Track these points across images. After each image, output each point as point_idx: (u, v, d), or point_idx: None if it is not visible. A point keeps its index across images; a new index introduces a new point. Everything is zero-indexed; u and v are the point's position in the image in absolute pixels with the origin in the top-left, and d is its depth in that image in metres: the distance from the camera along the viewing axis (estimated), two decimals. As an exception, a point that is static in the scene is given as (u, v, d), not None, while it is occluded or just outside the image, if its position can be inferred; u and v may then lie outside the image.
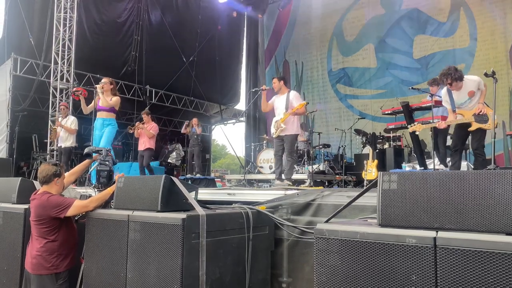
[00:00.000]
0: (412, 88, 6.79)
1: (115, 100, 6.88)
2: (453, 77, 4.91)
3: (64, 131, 8.28)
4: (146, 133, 7.57)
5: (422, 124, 5.69)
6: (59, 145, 8.47)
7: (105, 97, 6.80)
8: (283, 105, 6.11)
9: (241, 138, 16.35)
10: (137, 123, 7.60)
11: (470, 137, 5.28)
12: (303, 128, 10.13)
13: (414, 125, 5.68)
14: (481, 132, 4.98)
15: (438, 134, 7.32)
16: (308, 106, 13.76)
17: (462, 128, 5.15)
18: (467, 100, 5.02)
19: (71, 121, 8.38)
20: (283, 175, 6.02)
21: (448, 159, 6.94)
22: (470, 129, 5.01)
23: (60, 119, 8.49)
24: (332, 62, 14.05)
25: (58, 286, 3.47)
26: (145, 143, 8.10)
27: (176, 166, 13.72)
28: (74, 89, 7.77)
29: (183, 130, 10.76)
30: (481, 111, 4.87)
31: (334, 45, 14.04)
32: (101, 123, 6.89)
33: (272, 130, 6.21)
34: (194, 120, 10.54)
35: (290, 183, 5.87)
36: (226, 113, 16.26)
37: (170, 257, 2.80)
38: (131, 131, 8.56)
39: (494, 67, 5.10)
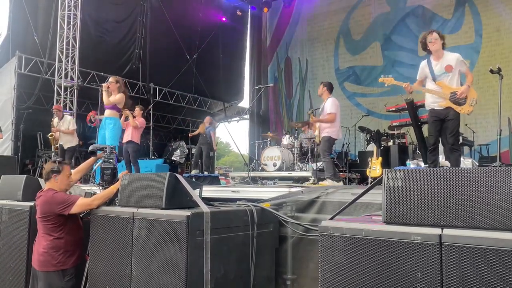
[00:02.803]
0: None
1: (117, 97, 6.78)
2: (440, 34, 4.75)
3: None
4: (131, 122, 7.49)
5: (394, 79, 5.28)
6: (60, 143, 8.51)
7: (108, 96, 6.79)
8: (320, 111, 6.44)
9: (245, 135, 16.33)
10: (125, 110, 7.41)
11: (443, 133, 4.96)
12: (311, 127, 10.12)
13: (386, 77, 5.31)
14: (455, 123, 4.74)
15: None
16: (312, 103, 13.85)
17: (437, 116, 4.84)
18: (443, 74, 4.77)
19: (68, 122, 8.44)
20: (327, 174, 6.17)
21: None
22: (441, 104, 4.71)
23: (56, 122, 8.54)
24: (339, 60, 14.00)
25: (65, 283, 3.48)
26: (128, 136, 7.66)
27: (180, 163, 13.75)
28: (89, 118, 7.69)
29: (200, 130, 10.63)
30: (464, 95, 4.64)
31: (341, 44, 13.99)
32: (104, 122, 6.89)
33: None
34: (208, 119, 10.54)
35: (330, 180, 5.97)
36: (230, 111, 16.27)
37: (174, 254, 2.81)
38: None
39: (500, 64, 5.03)
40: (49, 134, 8.57)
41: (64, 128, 8.41)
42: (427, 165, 6.59)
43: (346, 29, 13.85)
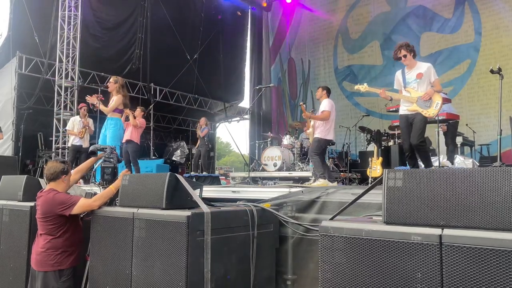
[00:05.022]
0: None
1: (114, 102, 6.84)
2: (408, 48, 4.95)
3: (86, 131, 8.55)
4: (131, 121, 7.53)
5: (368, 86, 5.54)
6: (73, 143, 8.59)
7: (111, 97, 6.86)
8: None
9: (245, 135, 16.34)
10: (126, 110, 7.42)
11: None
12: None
13: (361, 85, 5.56)
14: (420, 123, 4.91)
15: (447, 131, 7.29)
16: (315, 104, 13.85)
17: (407, 121, 5.04)
18: (413, 81, 5.01)
19: (91, 123, 8.67)
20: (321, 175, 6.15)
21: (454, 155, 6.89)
22: (409, 108, 4.96)
23: (78, 120, 8.69)
24: (338, 59, 13.99)
25: (61, 283, 3.47)
26: (128, 135, 7.60)
27: (181, 163, 13.75)
28: (91, 100, 7.11)
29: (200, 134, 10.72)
30: (428, 97, 4.84)
31: (340, 43, 13.99)
32: (106, 122, 6.94)
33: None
34: (202, 120, 10.58)
35: (322, 179, 5.95)
36: (230, 111, 16.26)
37: (175, 255, 2.81)
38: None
39: (499, 62, 5.05)
40: (83, 127, 8.58)
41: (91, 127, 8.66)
42: (423, 165, 6.61)
43: (344, 28, 13.84)
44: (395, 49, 5.08)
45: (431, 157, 6.80)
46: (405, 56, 5.01)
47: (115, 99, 6.84)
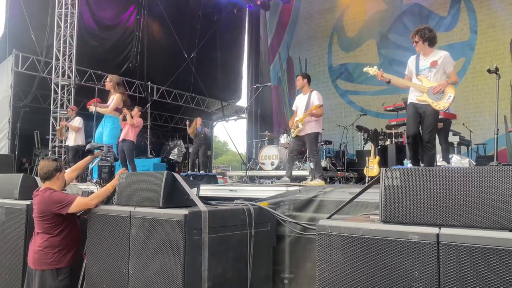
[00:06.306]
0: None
1: (115, 100, 6.84)
2: (423, 36, 4.61)
3: (71, 130, 8.49)
4: (128, 120, 7.52)
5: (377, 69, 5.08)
6: (66, 144, 8.70)
7: (110, 95, 6.88)
8: (303, 105, 6.05)
9: (243, 134, 16.35)
10: (124, 109, 7.40)
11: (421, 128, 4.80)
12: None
13: (371, 68, 5.11)
14: (433, 119, 4.63)
15: (440, 130, 7.30)
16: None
17: (415, 109, 4.73)
18: (426, 68, 4.70)
19: (76, 120, 8.63)
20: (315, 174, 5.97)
21: (451, 155, 6.90)
22: (419, 98, 4.64)
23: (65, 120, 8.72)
24: (332, 57, 14.00)
25: (58, 282, 3.46)
26: (124, 134, 7.55)
27: (178, 162, 13.74)
28: (91, 109, 7.15)
29: (190, 132, 10.75)
30: (440, 89, 4.53)
31: (335, 41, 13.99)
32: (103, 120, 6.94)
33: (292, 130, 6.20)
34: (198, 120, 10.58)
35: (320, 180, 5.82)
36: (228, 110, 16.26)
37: (172, 253, 2.80)
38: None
39: (494, 60, 5.01)
40: (59, 127, 8.77)
41: (73, 125, 8.61)
42: (423, 165, 6.60)
43: (340, 26, 13.85)
44: (412, 32, 4.76)
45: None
46: (416, 42, 4.69)
47: (115, 99, 6.84)
